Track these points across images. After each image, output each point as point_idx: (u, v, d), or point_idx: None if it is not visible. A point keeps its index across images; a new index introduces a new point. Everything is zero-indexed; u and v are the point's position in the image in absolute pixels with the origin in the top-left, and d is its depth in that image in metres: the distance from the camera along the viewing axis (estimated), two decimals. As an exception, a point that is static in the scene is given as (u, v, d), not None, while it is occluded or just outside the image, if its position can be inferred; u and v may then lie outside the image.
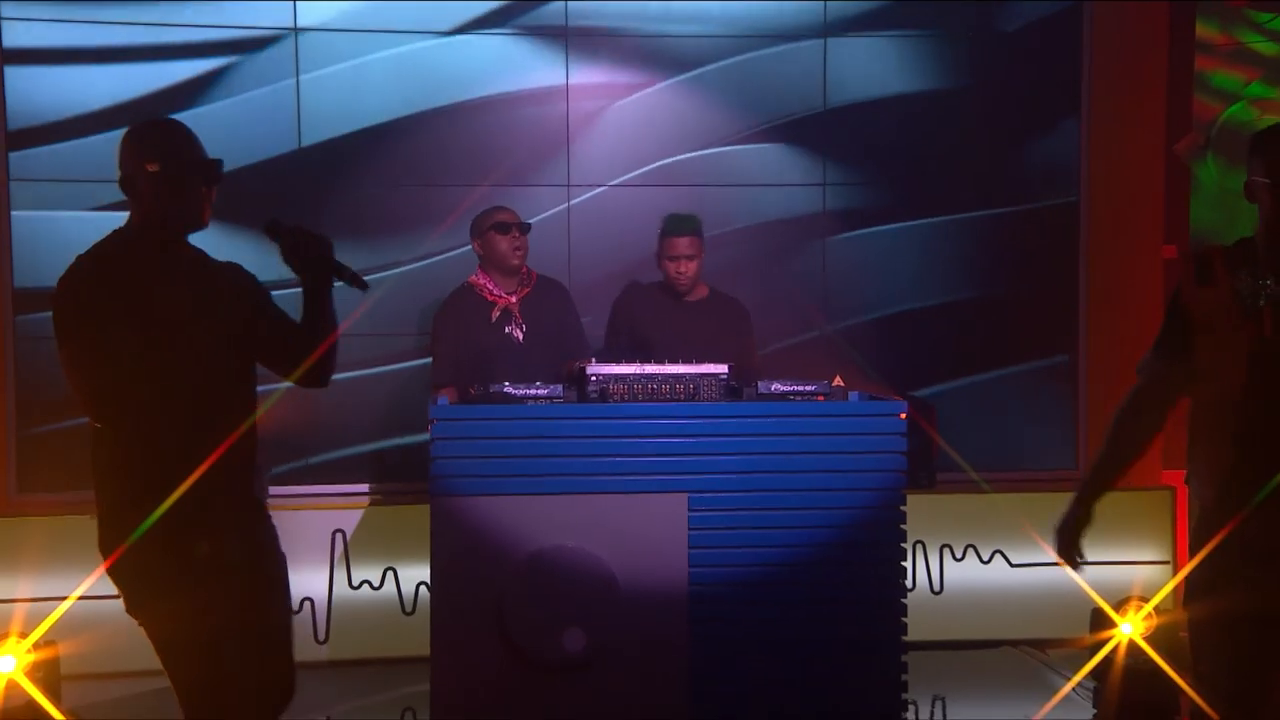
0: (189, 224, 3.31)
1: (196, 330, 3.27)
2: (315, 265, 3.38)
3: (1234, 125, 5.21)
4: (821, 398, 4.77)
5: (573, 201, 6.44)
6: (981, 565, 6.05)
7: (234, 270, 3.43)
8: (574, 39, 6.40)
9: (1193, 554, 3.41)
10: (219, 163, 3.31)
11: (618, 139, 6.47)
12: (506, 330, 5.27)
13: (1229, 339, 3.26)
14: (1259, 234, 3.27)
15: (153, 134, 3.35)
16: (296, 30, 6.21)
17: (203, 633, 3.27)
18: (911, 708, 5.10)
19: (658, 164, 6.50)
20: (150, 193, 3.24)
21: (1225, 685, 3.35)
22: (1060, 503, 6.06)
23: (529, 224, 5.33)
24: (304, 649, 5.57)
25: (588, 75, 6.43)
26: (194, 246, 3.38)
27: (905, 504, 4.72)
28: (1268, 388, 3.24)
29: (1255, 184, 3.25)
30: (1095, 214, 6.51)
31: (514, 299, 5.29)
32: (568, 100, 6.44)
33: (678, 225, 5.47)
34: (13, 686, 4.65)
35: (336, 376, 3.74)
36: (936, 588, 6.04)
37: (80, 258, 3.28)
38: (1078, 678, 5.18)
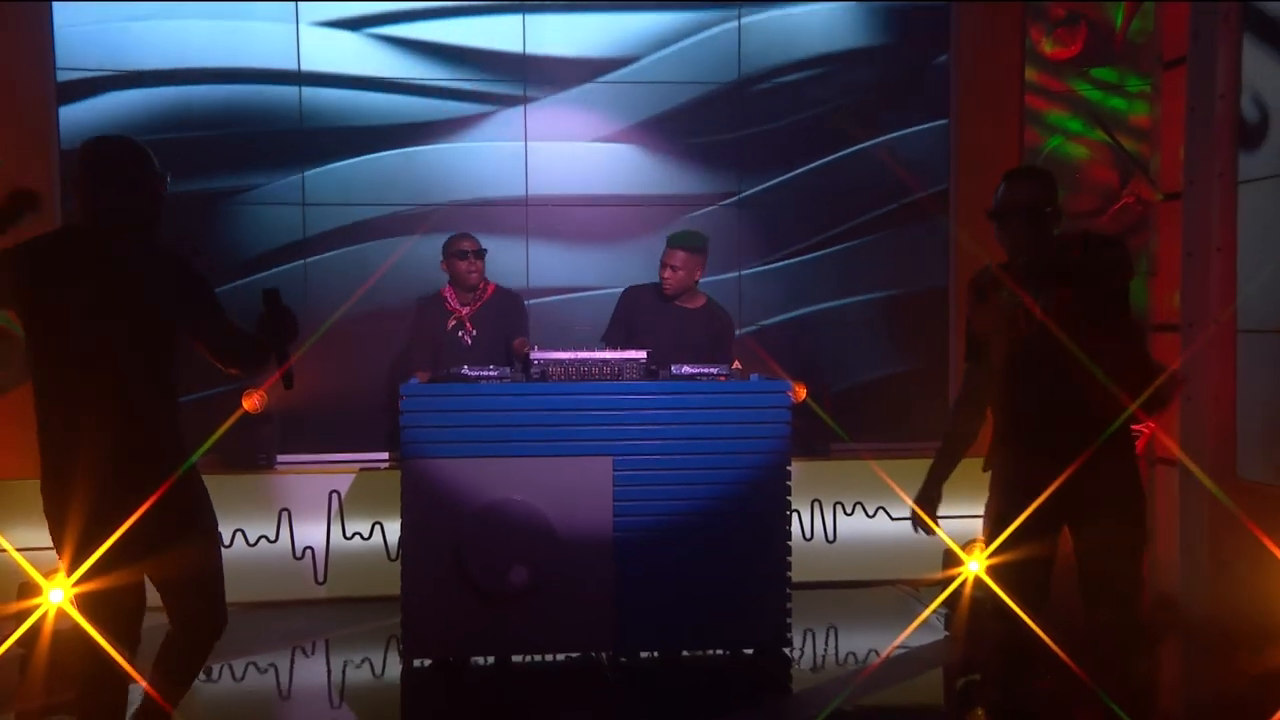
0: (147, 225, 3.25)
1: (114, 307, 3.15)
2: (273, 342, 3.31)
3: (1055, 156, 5.31)
4: (723, 378, 4.91)
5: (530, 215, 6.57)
6: (867, 519, 6.10)
7: (177, 266, 3.28)
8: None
9: (989, 502, 3.75)
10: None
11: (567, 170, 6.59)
12: (459, 335, 5.57)
13: (1004, 340, 3.53)
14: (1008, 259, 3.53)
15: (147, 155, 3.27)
16: (300, 82, 6.36)
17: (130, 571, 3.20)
18: (809, 635, 5.33)
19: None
20: (151, 199, 3.22)
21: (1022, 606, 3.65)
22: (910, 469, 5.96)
23: (484, 249, 5.57)
24: (306, 588, 5.78)
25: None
26: (141, 241, 3.25)
27: (790, 464, 4.86)
28: (1028, 373, 3.49)
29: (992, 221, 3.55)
30: (961, 229, 6.56)
31: (466, 310, 5.57)
32: (525, 136, 6.54)
33: (673, 239, 5.43)
34: (61, 614, 4.41)
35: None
36: (831, 538, 6.10)
37: (36, 236, 3.20)
38: (934, 606, 5.34)
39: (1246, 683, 4.19)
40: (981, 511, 4.72)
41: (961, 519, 5.76)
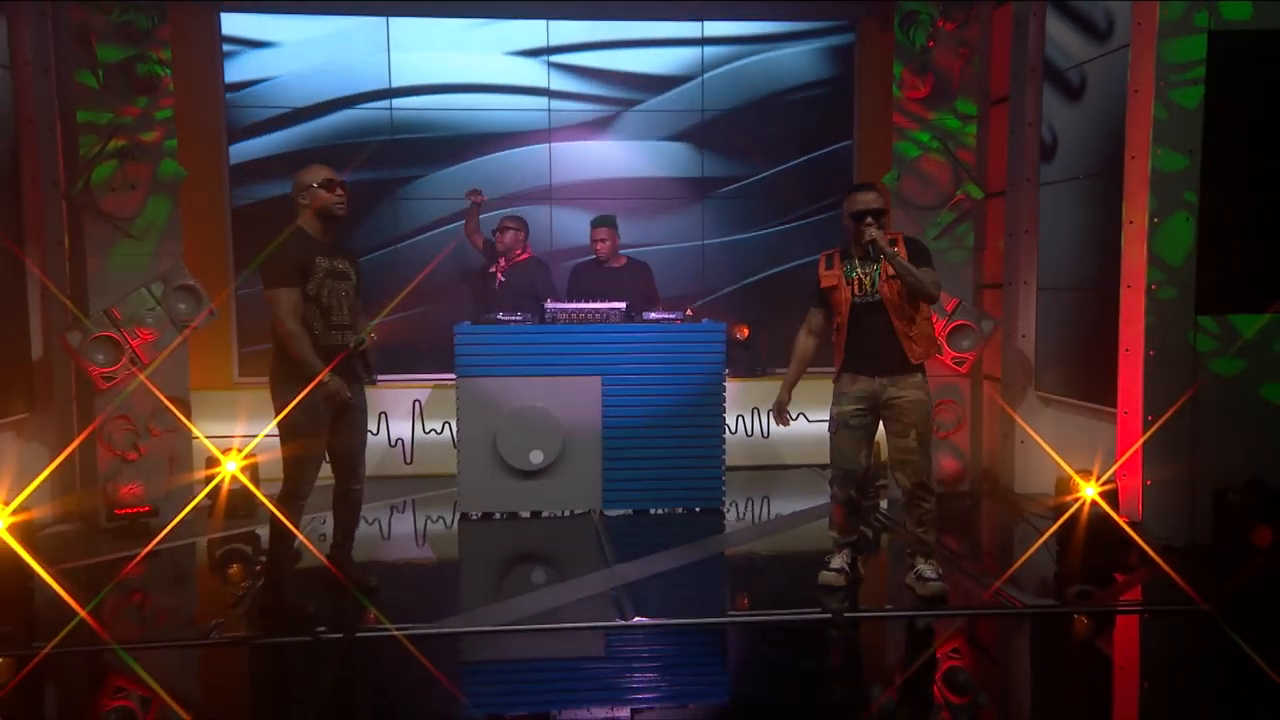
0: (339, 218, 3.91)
1: (337, 278, 3.85)
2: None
3: (912, 165, 5.45)
4: (679, 320, 5.41)
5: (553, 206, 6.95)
6: (791, 421, 6.11)
7: (353, 256, 4.03)
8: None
9: (832, 406, 4.28)
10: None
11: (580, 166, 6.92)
12: (492, 276, 6.00)
13: (841, 298, 4.06)
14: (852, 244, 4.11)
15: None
16: (391, 108, 6.82)
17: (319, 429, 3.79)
18: (749, 501, 5.75)
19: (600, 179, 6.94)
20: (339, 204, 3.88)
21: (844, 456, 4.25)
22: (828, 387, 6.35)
23: (509, 227, 5.90)
24: (398, 467, 6.28)
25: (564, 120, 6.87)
26: (337, 235, 3.98)
27: (725, 381, 5.34)
28: (855, 322, 4.04)
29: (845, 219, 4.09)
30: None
31: (504, 263, 5.99)
32: (550, 141, 6.89)
33: (596, 221, 5.89)
34: (234, 479, 5.18)
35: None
36: (765, 435, 6.50)
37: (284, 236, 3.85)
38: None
39: (1027, 517, 4.85)
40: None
41: (819, 423, 6.06)
